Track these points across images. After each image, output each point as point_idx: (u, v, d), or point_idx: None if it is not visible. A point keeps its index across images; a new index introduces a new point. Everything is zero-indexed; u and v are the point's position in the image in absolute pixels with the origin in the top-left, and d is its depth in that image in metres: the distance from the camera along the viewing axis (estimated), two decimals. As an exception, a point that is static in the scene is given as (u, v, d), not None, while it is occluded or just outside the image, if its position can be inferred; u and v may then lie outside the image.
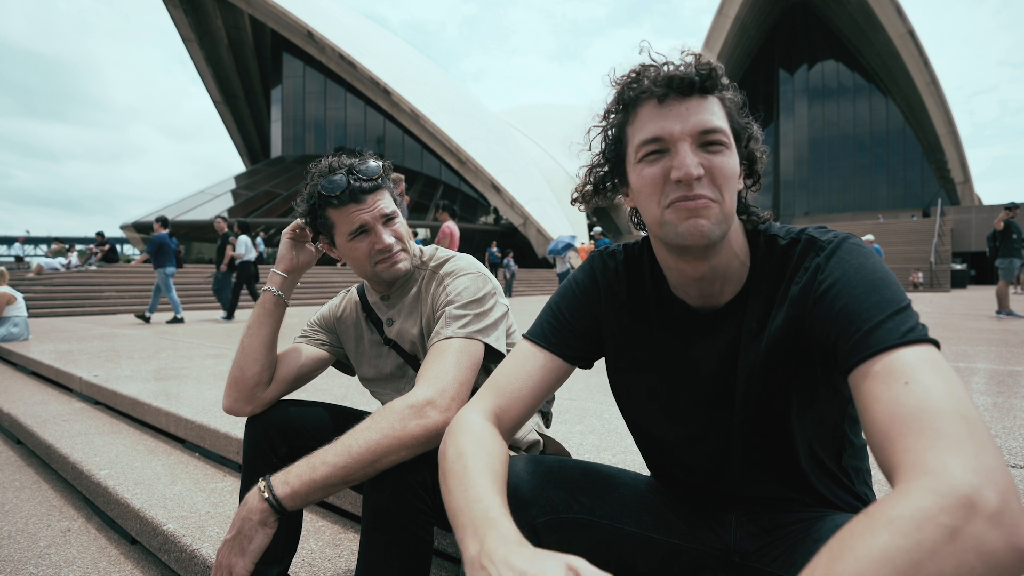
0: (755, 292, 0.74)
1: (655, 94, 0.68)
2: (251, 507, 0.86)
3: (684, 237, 0.67)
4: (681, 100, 0.68)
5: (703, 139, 0.67)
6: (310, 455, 0.88)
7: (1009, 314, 7.19)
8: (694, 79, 0.67)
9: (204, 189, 31.24)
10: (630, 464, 1.59)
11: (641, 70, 0.70)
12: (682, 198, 0.67)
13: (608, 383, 0.90)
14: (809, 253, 0.69)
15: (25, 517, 1.96)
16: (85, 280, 12.00)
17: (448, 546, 1.34)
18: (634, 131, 0.71)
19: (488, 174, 28.75)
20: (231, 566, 0.85)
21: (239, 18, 33.85)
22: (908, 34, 34.54)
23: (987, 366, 3.31)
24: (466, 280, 1.13)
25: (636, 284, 0.84)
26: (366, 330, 1.28)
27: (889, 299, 0.59)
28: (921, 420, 0.48)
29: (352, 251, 1.14)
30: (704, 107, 0.68)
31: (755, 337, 0.73)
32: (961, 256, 26.79)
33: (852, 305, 0.60)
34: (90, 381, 3.19)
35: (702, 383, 0.78)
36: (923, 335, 0.56)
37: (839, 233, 0.70)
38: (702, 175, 0.66)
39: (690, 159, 0.66)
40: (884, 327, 0.57)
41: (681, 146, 0.67)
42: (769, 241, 0.75)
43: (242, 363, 1.15)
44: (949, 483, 0.43)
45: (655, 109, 0.68)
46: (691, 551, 0.80)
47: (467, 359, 1.02)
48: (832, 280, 0.64)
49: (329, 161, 1.14)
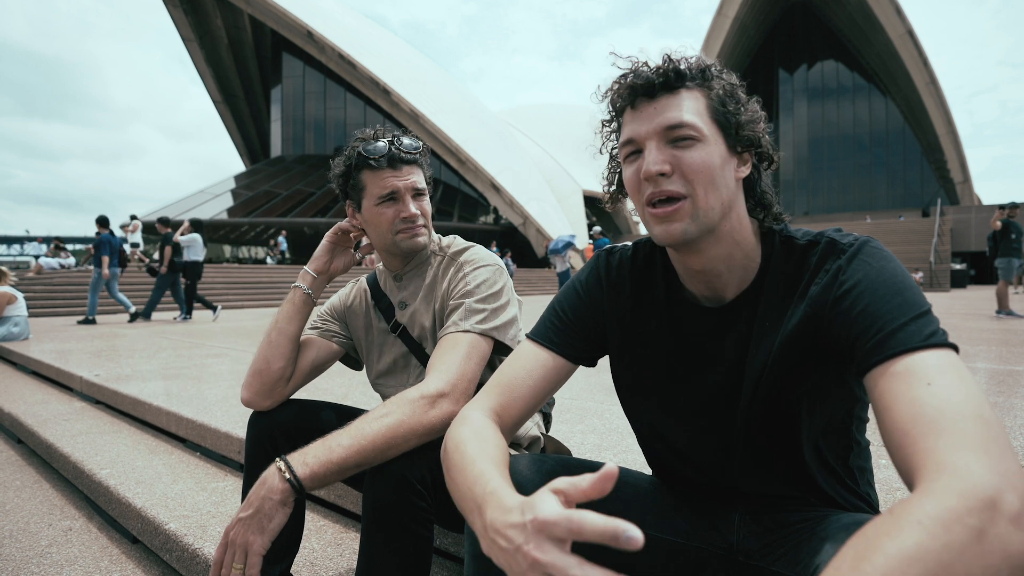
0: (769, 291, 0.74)
1: (627, 100, 0.72)
2: (271, 487, 0.85)
3: (660, 238, 0.71)
4: (649, 101, 0.70)
5: (670, 135, 0.68)
6: (324, 438, 0.89)
7: (1009, 314, 7.19)
8: (653, 80, 0.69)
9: (204, 189, 31.26)
10: (631, 463, 1.59)
11: (620, 79, 0.73)
12: (653, 196, 0.69)
13: (608, 383, 0.91)
14: (830, 256, 0.69)
15: (26, 516, 1.96)
16: (85, 280, 11.99)
17: (449, 545, 1.34)
18: (622, 134, 0.74)
19: (488, 174, 28.75)
20: (248, 544, 0.84)
21: (239, 18, 33.84)
22: (907, 34, 34.55)
23: (987, 366, 3.31)
24: (486, 272, 1.14)
25: (644, 280, 0.84)
26: (374, 319, 1.28)
27: (911, 302, 0.60)
28: (943, 421, 0.49)
29: (377, 216, 1.15)
30: (672, 104, 0.69)
31: (768, 335, 0.73)
32: (961, 256, 26.81)
33: (874, 307, 0.61)
34: (91, 380, 3.19)
35: (707, 379, 0.78)
36: (944, 339, 0.56)
37: (860, 236, 0.70)
38: (667, 172, 0.68)
39: (652, 156, 0.68)
40: (906, 329, 0.57)
41: (648, 144, 0.69)
42: (786, 241, 0.74)
43: (268, 356, 1.15)
44: (973, 484, 0.43)
45: (630, 113, 0.72)
46: (694, 550, 0.80)
47: (477, 354, 1.03)
48: (854, 281, 0.64)
49: (375, 128, 1.18)
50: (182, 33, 34.08)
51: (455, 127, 29.55)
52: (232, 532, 0.85)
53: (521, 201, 28.50)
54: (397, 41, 36.70)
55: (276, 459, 0.89)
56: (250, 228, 32.49)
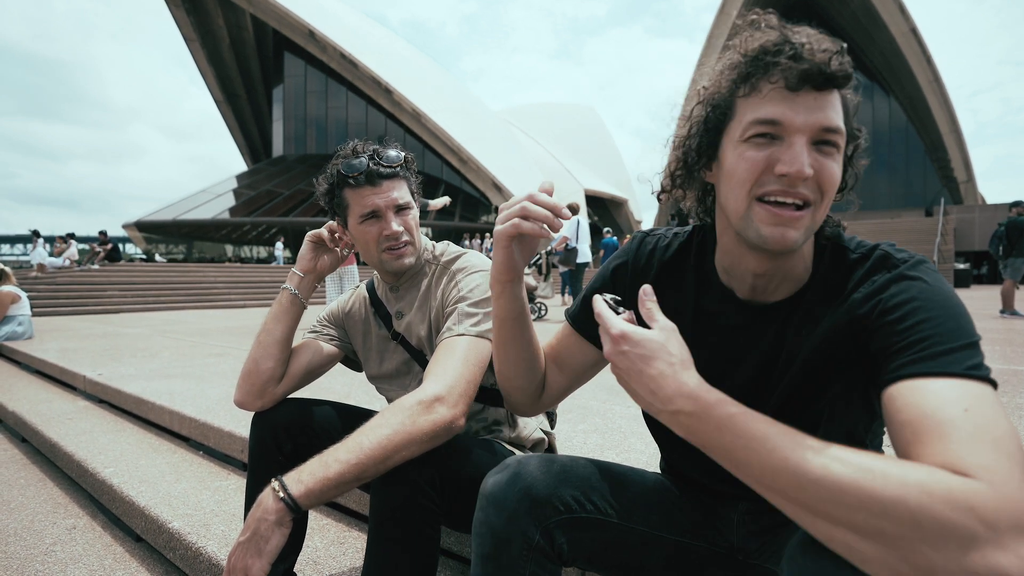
0: (812, 298, 0.71)
1: (789, 79, 0.62)
2: (266, 507, 0.85)
3: (766, 241, 0.64)
4: (814, 92, 0.62)
5: (821, 136, 0.62)
6: (321, 454, 0.88)
7: (1013, 314, 7.16)
8: (834, 76, 0.62)
9: (206, 188, 31.32)
10: (633, 463, 1.59)
11: (780, 45, 0.63)
12: (780, 193, 0.63)
13: (609, 382, 0.91)
14: (881, 268, 0.66)
15: (31, 514, 1.97)
16: (88, 279, 12.03)
17: (453, 545, 1.34)
18: (750, 105, 0.65)
19: (489, 173, 28.76)
20: (247, 568, 0.83)
21: (241, 17, 33.86)
22: (911, 32, 34.42)
23: (991, 365, 3.30)
24: (478, 277, 1.14)
25: (673, 268, 0.82)
26: (374, 325, 1.29)
27: (964, 330, 0.58)
28: (978, 441, 0.48)
29: (362, 234, 1.16)
30: (829, 103, 0.63)
31: (802, 338, 0.71)
32: (964, 255, 26.70)
33: (927, 325, 0.58)
34: (94, 380, 3.20)
35: (734, 377, 0.76)
36: (988, 374, 0.55)
37: (915, 253, 0.67)
38: (811, 176, 0.62)
39: (804, 156, 0.61)
40: (954, 354, 0.55)
41: (797, 139, 0.62)
42: (837, 251, 0.71)
43: (257, 358, 1.16)
44: (973, 487, 0.44)
45: (782, 91, 0.62)
46: (697, 549, 0.80)
47: (475, 357, 1.02)
48: (909, 296, 0.62)
49: (355, 144, 1.16)
50: (184, 33, 34.12)
51: (457, 126, 29.56)
52: (233, 557, 0.86)
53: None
54: (398, 41, 36.71)
55: (271, 479, 0.88)
56: (252, 227, 32.56)
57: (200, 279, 14.02)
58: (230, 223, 29.82)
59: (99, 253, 14.26)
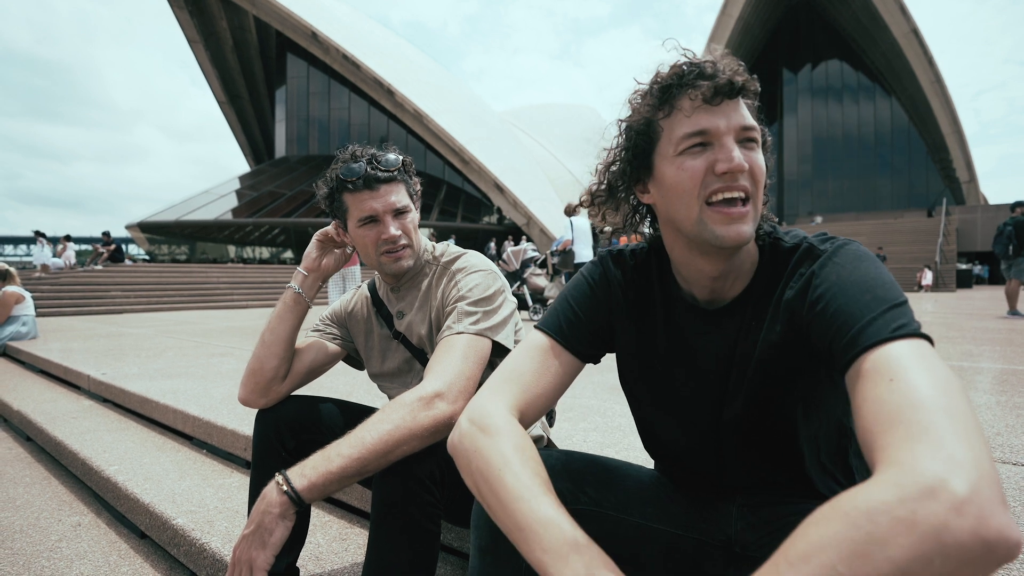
0: (755, 293, 0.75)
1: (704, 94, 0.69)
2: (270, 501, 0.87)
3: (723, 240, 0.68)
4: (728, 100, 0.70)
5: (743, 135, 0.70)
6: (324, 448, 0.90)
7: (1015, 314, 7.12)
8: (740, 85, 0.70)
9: (209, 189, 31.39)
10: (633, 460, 1.60)
11: (689, 68, 0.70)
12: (725, 189, 0.68)
13: (609, 381, 0.92)
14: (805, 261, 0.71)
15: (36, 512, 1.99)
16: (91, 279, 12.08)
17: (452, 540, 1.35)
18: (674, 123, 0.71)
19: (491, 174, 28.76)
20: (252, 560, 0.85)
21: (244, 19, 33.96)
22: (912, 32, 34.33)
23: (992, 365, 3.30)
24: (477, 277, 1.16)
25: (641, 279, 0.85)
26: (376, 324, 1.30)
27: (881, 297, 0.59)
28: (901, 416, 0.48)
29: (361, 238, 1.17)
30: (742, 106, 0.71)
31: (752, 337, 0.74)
32: (967, 256, 26.65)
33: (845, 306, 0.61)
34: (98, 379, 3.23)
35: (704, 379, 0.79)
36: (914, 330, 0.55)
37: (838, 240, 0.70)
38: (746, 168, 0.68)
39: (737, 152, 0.68)
40: (875, 324, 0.57)
41: (726, 140, 0.69)
42: (774, 244, 0.76)
43: (261, 356, 1.18)
44: (913, 474, 0.43)
45: (701, 105, 0.69)
46: (693, 541, 0.82)
47: (475, 354, 1.04)
48: (827, 284, 0.65)
49: (354, 148, 1.18)
50: (187, 35, 34.24)
51: (459, 127, 29.57)
52: (238, 550, 0.87)
53: (525, 201, 28.48)
54: (400, 42, 36.75)
55: (274, 473, 0.90)
56: (255, 228, 32.62)
57: (203, 280, 14.06)
58: (233, 224, 29.88)
59: (103, 254, 14.32)
